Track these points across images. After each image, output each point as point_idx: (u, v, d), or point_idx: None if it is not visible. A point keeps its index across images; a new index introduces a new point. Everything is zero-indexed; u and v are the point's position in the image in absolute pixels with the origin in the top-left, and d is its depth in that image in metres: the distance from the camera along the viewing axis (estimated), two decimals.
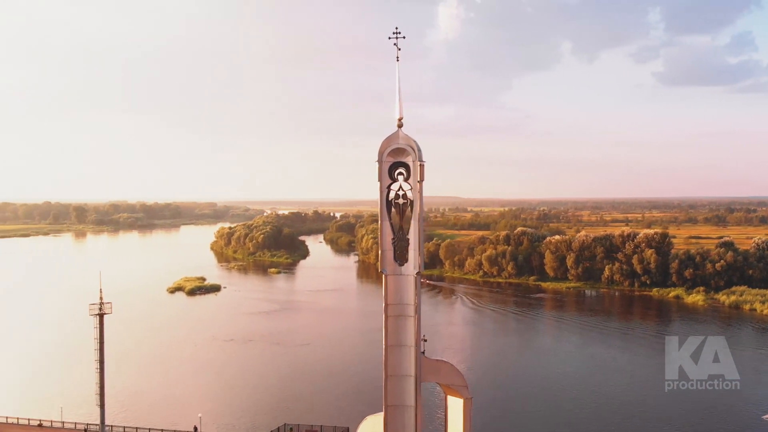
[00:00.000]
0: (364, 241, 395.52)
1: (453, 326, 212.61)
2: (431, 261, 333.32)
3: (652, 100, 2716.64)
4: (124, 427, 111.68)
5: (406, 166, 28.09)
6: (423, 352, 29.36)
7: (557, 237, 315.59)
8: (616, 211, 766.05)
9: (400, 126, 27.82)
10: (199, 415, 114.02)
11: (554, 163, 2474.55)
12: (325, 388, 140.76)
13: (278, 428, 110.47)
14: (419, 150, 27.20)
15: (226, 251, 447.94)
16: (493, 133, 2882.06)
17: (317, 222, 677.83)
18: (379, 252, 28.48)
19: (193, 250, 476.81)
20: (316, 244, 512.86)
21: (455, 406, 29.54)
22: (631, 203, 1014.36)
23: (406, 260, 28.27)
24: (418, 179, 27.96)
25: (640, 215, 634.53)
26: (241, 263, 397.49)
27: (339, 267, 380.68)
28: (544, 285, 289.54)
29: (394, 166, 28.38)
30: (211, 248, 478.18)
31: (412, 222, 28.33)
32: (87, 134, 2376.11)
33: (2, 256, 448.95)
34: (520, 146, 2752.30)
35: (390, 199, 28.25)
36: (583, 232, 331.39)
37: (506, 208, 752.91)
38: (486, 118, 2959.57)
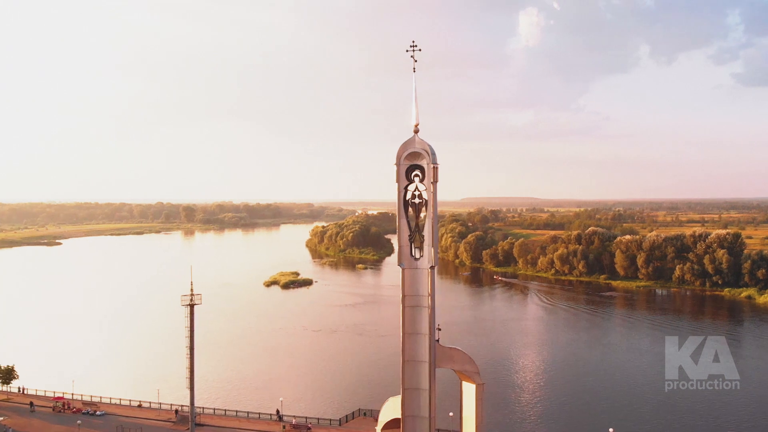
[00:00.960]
0: (443, 239, 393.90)
1: (524, 321, 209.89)
2: (505, 259, 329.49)
3: (731, 101, 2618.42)
4: (214, 409, 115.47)
5: (422, 169, 28.51)
6: (437, 340, 29.72)
7: (628, 237, 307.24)
8: (692, 211, 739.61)
9: (416, 131, 28.26)
10: (281, 399, 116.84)
11: (632, 164, 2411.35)
12: (398, 377, 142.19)
13: (352, 413, 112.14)
14: (433, 153, 27.54)
15: (319, 248, 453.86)
16: (571, 136, 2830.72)
17: None
18: (397, 248, 28.91)
19: (289, 247, 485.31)
20: None
21: (469, 391, 29.85)
22: (708, 204, 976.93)
23: (422, 255, 28.63)
24: (432, 180, 28.34)
25: (717, 216, 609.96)
26: (332, 259, 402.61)
27: None
28: (615, 283, 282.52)
29: (410, 169, 28.84)
30: (306, 245, 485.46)
31: (427, 220, 28.80)
32: (201, 140, 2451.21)
33: (118, 252, 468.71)
34: (598, 148, 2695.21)
35: (407, 199, 28.69)
36: (654, 232, 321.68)
37: (582, 209, 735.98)
38: (564, 122, 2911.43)
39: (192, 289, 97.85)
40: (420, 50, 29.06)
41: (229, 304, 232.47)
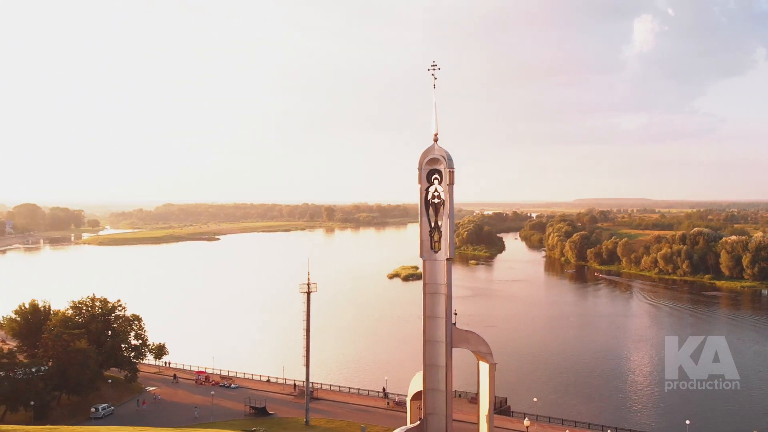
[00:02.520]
0: (550, 238, 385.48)
1: (626, 318, 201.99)
2: (609, 257, 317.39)
3: None
4: (330, 385, 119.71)
5: (440, 173, 29.67)
6: (454, 324, 30.71)
7: (733, 237, 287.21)
8: None
9: (435, 140, 29.45)
10: (386, 378, 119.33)
11: (748, 165, 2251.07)
12: (504, 364, 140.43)
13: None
14: (450, 159, 28.77)
15: None
16: (685, 138, 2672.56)
17: (516, 221, 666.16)
18: (419, 242, 30.23)
19: (412, 243, 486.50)
20: (512, 241, 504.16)
21: (483, 370, 30.69)
22: None
23: (439, 248, 29.83)
24: (448, 183, 29.42)
25: None
26: None
27: (528, 261, 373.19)
28: (719, 283, 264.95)
29: (430, 173, 30.04)
30: None
31: (444, 217, 29.88)
32: (343, 149, 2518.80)
33: (267, 246, 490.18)
34: (713, 150, 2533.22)
35: (428, 199, 29.95)
36: (759, 233, 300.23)
37: (694, 210, 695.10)
38: (678, 124, 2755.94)
39: (309, 279, 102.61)
40: (439, 69, 30.14)
41: (353, 293, 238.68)
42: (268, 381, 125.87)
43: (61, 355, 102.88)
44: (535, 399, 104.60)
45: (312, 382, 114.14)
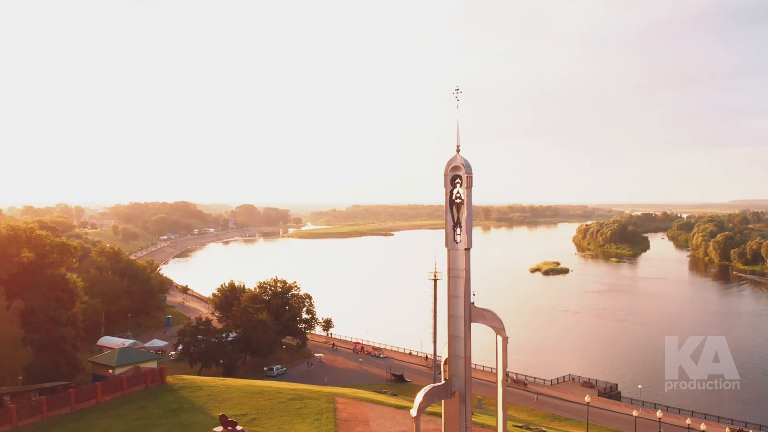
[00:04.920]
0: (695, 238, 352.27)
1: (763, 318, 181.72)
2: (753, 258, 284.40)
3: None
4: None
5: (461, 177, 31.45)
6: (473, 303, 32.18)
7: None
8: None
9: (458, 151, 31.11)
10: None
11: None
12: (623, 354, 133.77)
13: (563, 377, 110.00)
14: (468, 166, 30.47)
15: (582, 243, 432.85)
16: None
17: (665, 222, 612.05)
18: (444, 234, 32.16)
19: (560, 241, 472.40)
20: (658, 241, 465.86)
21: (499, 343, 31.93)
22: None
23: (460, 240, 31.60)
24: (466, 186, 31.11)
25: None
26: (591, 253, 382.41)
27: (672, 260, 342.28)
28: None
29: (453, 177, 31.86)
30: (573, 241, 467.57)
31: (463, 215, 31.60)
32: (500, 155, 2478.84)
33: (431, 241, 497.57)
34: None
35: (452, 199, 31.81)
36: None
37: None
38: None
39: (435, 268, 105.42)
40: (462, 92, 31.69)
41: (495, 284, 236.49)
42: (409, 354, 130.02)
43: (247, 324, 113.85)
44: (639, 386, 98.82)
45: (438, 355, 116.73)
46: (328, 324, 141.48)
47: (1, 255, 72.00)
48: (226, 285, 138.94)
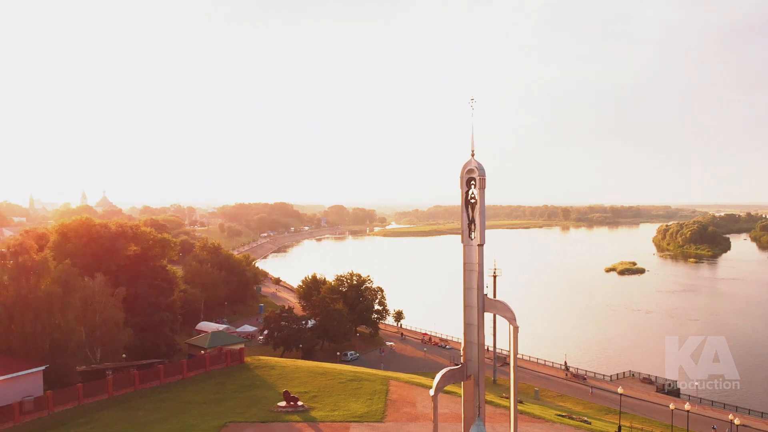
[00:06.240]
0: None
1: None
2: None
3: None
4: (522, 355, 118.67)
5: (475, 180, 32.48)
6: (486, 294, 32.99)
7: None
8: None
9: (472, 155, 32.09)
10: (565, 353, 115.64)
11: None
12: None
13: (623, 372, 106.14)
14: (481, 169, 31.30)
15: (661, 243, 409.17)
16: None
17: (748, 223, 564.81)
18: (461, 231, 33.24)
19: (639, 242, 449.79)
20: (740, 242, 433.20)
21: (511, 332, 32.67)
22: None
23: (474, 237, 32.61)
24: (480, 187, 32.07)
25: None
26: (669, 253, 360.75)
27: (753, 261, 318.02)
28: None
29: (469, 180, 32.91)
30: (652, 241, 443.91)
31: (477, 213, 32.59)
32: (583, 156, 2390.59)
33: (515, 241, 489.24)
34: None
35: (467, 199, 32.89)
36: None
37: None
38: None
39: (495, 265, 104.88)
40: (476, 102, 32.59)
41: (569, 283, 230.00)
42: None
43: (324, 313, 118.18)
44: (696, 383, 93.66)
45: (503, 349, 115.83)
46: (399, 315, 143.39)
47: (110, 249, 79.39)
48: (309, 277, 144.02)
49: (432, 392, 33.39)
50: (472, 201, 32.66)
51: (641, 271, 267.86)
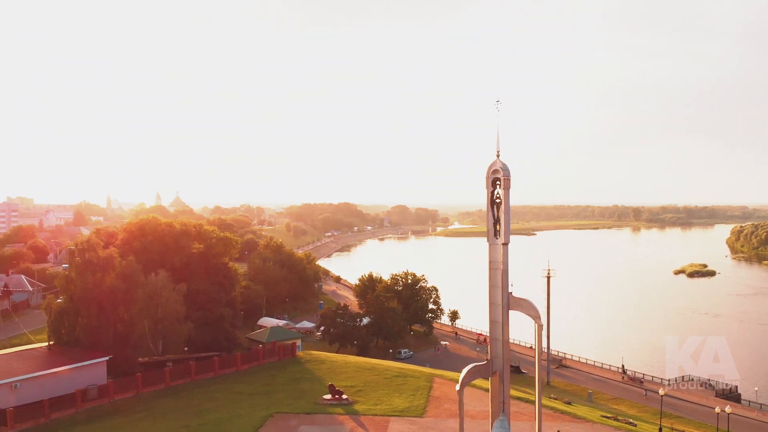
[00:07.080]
0: None
1: None
2: None
3: None
4: (579, 357, 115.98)
5: (500, 180, 32.54)
6: (511, 293, 32.87)
7: None
8: None
9: (498, 156, 32.18)
10: (623, 356, 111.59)
11: None
12: (757, 358, 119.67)
13: (682, 377, 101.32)
14: (506, 169, 31.14)
15: (735, 245, 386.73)
16: None
17: None
18: (486, 230, 33.28)
19: (712, 243, 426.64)
20: None
21: (536, 330, 32.45)
22: None
23: (499, 236, 32.61)
24: (504, 187, 32.10)
25: None
26: (743, 255, 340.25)
27: None
28: None
29: (494, 180, 32.96)
30: (726, 243, 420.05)
31: (502, 213, 32.61)
32: (656, 154, 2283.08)
33: (583, 241, 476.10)
34: None
35: (493, 199, 32.96)
36: None
37: None
38: None
39: (549, 266, 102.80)
40: (501, 104, 32.59)
41: (636, 285, 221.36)
42: (530, 347, 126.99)
43: (379, 311, 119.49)
44: (756, 388, 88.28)
45: (560, 351, 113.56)
46: (454, 315, 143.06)
47: (175, 247, 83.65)
48: (366, 276, 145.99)
49: (458, 387, 33.56)
50: (498, 201, 32.49)
51: (712, 273, 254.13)
